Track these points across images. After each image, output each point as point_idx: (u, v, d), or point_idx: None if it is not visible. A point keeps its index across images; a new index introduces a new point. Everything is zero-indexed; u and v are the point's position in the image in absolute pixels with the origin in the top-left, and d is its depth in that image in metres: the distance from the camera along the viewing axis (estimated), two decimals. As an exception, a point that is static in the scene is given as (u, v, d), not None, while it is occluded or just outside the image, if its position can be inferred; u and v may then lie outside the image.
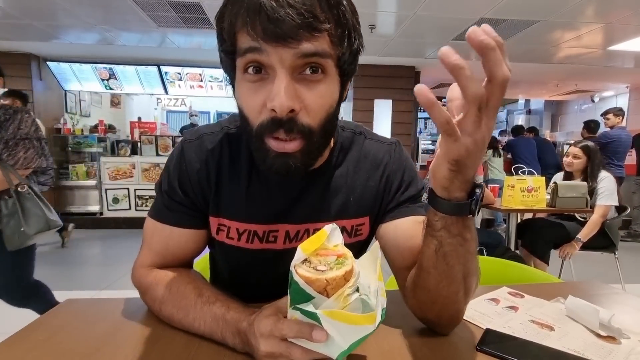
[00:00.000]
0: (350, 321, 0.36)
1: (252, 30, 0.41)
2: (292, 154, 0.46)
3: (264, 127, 0.45)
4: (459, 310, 0.48)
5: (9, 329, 0.48)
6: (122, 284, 2.53)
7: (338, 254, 0.38)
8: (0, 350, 0.45)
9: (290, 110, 0.43)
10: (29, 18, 3.01)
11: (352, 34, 0.46)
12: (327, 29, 0.42)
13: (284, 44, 0.41)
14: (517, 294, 0.65)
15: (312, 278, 0.35)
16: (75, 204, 4.33)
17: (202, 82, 4.39)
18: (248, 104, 0.46)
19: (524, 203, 2.08)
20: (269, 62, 0.42)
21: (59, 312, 0.57)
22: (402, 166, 0.61)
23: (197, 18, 2.95)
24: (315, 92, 0.44)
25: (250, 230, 0.57)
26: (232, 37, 0.44)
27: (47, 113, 4.22)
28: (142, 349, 0.46)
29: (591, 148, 2.24)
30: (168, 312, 0.52)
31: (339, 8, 0.44)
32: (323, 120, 0.46)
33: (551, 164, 4.59)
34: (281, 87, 0.42)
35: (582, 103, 6.90)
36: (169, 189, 0.57)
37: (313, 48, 0.42)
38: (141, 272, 0.58)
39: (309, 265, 0.37)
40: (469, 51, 1.88)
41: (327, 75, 0.45)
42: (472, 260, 0.44)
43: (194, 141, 0.58)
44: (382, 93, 4.24)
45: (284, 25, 0.40)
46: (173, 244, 0.58)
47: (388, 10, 2.81)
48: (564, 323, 0.54)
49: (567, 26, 3.03)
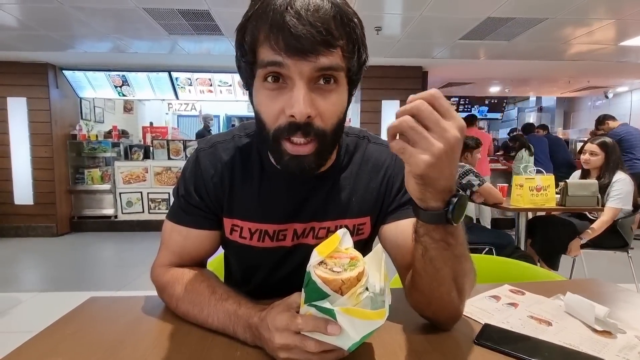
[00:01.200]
0: (363, 316, 0.40)
1: (275, 45, 0.45)
2: (306, 156, 0.50)
3: (282, 130, 0.49)
4: (455, 309, 0.51)
5: (34, 327, 0.53)
6: (138, 285, 2.61)
7: (351, 257, 0.43)
8: (34, 343, 0.49)
9: (308, 116, 0.47)
10: (45, 29, 3.13)
11: (360, 48, 0.51)
12: (341, 45, 0.47)
13: (304, 58, 0.45)
14: (518, 291, 0.66)
15: (329, 278, 0.40)
16: (91, 208, 4.45)
17: (212, 87, 4.46)
18: (266, 110, 0.50)
19: (533, 202, 2.07)
20: (289, 74, 0.47)
21: (83, 309, 0.61)
22: (402, 169, 0.63)
23: (206, 25, 3.01)
24: (328, 101, 0.49)
25: (261, 229, 0.61)
26: (254, 49, 0.49)
27: (63, 120, 4.36)
28: (161, 341, 0.50)
29: (608, 143, 2.16)
30: (184, 309, 0.56)
31: (350, 25, 0.48)
32: (335, 125, 0.51)
33: (563, 162, 4.52)
34: (300, 96, 0.46)
35: (596, 99, 6.76)
36: (185, 194, 0.62)
37: (328, 62, 0.47)
38: (159, 270, 0.63)
39: (325, 267, 0.41)
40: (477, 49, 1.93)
41: (338, 85, 0.50)
42: (459, 262, 0.47)
43: (207, 149, 0.63)
44: (389, 94, 4.24)
45: (305, 42, 0.44)
46: (189, 244, 0.62)
47: (394, 12, 2.83)
48: (562, 319, 0.56)
49: (578, 23, 2.99)
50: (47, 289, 2.58)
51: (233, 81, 4.40)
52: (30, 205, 4.19)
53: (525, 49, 3.65)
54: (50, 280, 2.85)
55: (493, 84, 5.81)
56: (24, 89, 4.08)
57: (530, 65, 4.25)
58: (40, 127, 4.13)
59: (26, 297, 2.39)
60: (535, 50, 3.70)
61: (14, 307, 2.24)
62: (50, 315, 0.58)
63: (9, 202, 4.18)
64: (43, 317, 0.56)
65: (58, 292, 2.50)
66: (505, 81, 5.62)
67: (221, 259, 0.85)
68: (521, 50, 3.71)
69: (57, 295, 2.44)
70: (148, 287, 0.64)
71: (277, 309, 0.45)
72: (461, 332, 0.52)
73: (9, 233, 4.18)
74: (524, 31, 3.16)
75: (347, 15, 0.48)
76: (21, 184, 4.17)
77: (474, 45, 3.56)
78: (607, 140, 2.18)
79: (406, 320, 0.55)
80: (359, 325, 0.40)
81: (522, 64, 4.23)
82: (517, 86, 5.99)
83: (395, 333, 0.52)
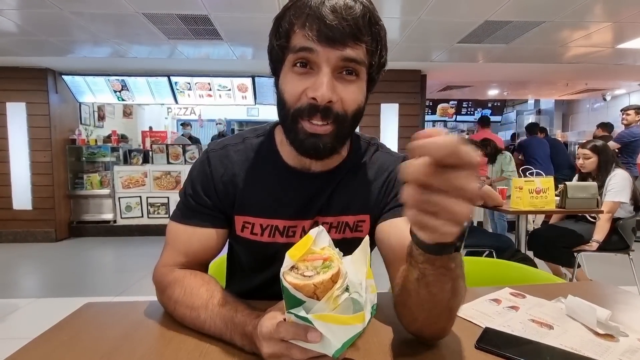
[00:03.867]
0: (340, 322, 0.38)
1: (309, 32, 0.50)
2: (322, 135, 0.54)
3: (302, 110, 0.53)
4: (443, 329, 0.48)
5: (32, 333, 0.52)
6: (137, 290, 2.59)
7: (324, 258, 0.40)
8: (29, 349, 0.49)
9: (329, 100, 0.51)
10: (45, 34, 3.14)
11: (382, 50, 0.56)
12: (366, 42, 0.52)
13: (332, 46, 0.50)
14: (519, 294, 0.66)
15: (300, 284, 0.37)
16: (90, 213, 4.44)
17: (211, 91, 4.47)
18: (290, 90, 0.54)
19: (533, 204, 2.07)
20: (317, 60, 0.51)
21: (79, 315, 0.61)
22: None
23: (205, 30, 3.02)
24: (348, 90, 0.53)
25: (272, 225, 0.63)
26: (287, 35, 0.53)
27: (63, 125, 4.36)
28: (157, 348, 0.50)
29: (599, 146, 2.24)
30: (181, 312, 0.55)
31: (376, 27, 0.53)
32: (354, 112, 0.55)
33: (564, 164, 4.51)
34: (324, 81, 0.50)
35: (594, 102, 6.78)
36: (192, 193, 0.64)
37: (354, 54, 0.51)
38: (163, 270, 0.62)
39: (296, 272, 0.39)
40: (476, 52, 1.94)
41: (359, 78, 0.54)
42: (456, 283, 0.42)
43: (218, 150, 0.66)
44: (388, 97, 4.25)
45: (336, 32, 0.49)
46: (195, 243, 0.63)
47: (392, 16, 2.84)
48: (563, 322, 0.55)
49: (575, 26, 3.01)
50: (46, 295, 2.56)
51: (232, 85, 4.40)
52: (29, 211, 4.18)
53: (523, 52, 3.67)
54: (49, 286, 2.83)
55: (492, 87, 5.83)
56: (24, 94, 4.08)
57: (528, 68, 4.27)
58: (39, 132, 4.13)
59: (24, 303, 2.37)
60: (533, 53, 3.71)
61: (12, 313, 2.22)
62: (49, 321, 0.57)
63: (7, 207, 4.17)
64: (41, 323, 0.56)
65: (57, 298, 2.49)
66: (504, 84, 5.64)
67: (221, 262, 0.85)
68: (519, 53, 3.72)
69: (55, 301, 2.43)
70: (147, 292, 0.64)
71: (267, 316, 0.45)
72: (460, 335, 0.52)
73: (7, 238, 4.16)
74: (522, 34, 3.17)
75: (375, 17, 0.53)
76: (20, 189, 4.16)
77: (472, 49, 3.57)
78: (597, 143, 2.28)
79: (406, 325, 0.54)
80: (338, 331, 0.38)
81: (521, 67, 4.25)
82: (516, 89, 6.01)
83: (394, 338, 0.51)
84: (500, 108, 7.09)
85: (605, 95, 6.15)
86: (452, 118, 6.92)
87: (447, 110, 6.74)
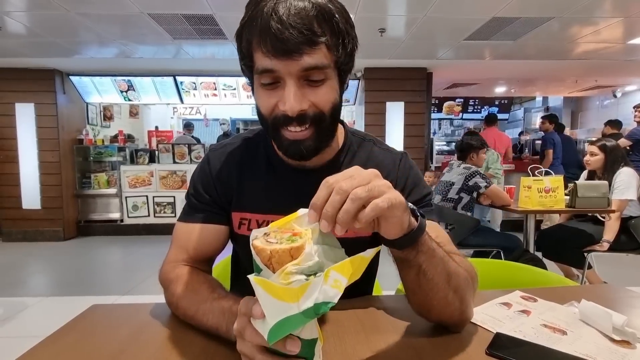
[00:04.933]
0: (273, 293, 0.35)
1: (264, 49, 0.50)
2: (303, 140, 0.55)
3: (278, 120, 0.55)
4: (457, 309, 0.50)
5: (41, 331, 0.52)
6: (143, 289, 2.61)
7: (294, 232, 0.38)
8: (35, 353, 0.49)
9: (299, 110, 0.53)
10: (52, 36, 3.17)
11: (346, 39, 0.54)
12: (324, 41, 0.51)
13: (290, 58, 0.50)
14: (530, 298, 0.64)
15: (258, 247, 0.36)
16: (97, 212, 4.49)
17: (216, 91, 4.48)
18: (262, 105, 0.56)
19: (542, 204, 2.04)
20: (280, 75, 0.52)
21: (85, 317, 0.60)
22: (406, 174, 0.66)
23: (210, 29, 3.03)
24: (318, 93, 0.54)
25: (268, 220, 0.63)
26: (250, 54, 0.54)
27: (70, 125, 4.40)
28: (163, 352, 0.49)
29: (608, 145, 2.21)
30: (183, 308, 0.56)
31: (332, 20, 0.52)
32: (330, 110, 0.56)
33: (572, 162, 4.44)
34: (291, 94, 0.52)
35: (604, 99, 6.67)
36: (194, 192, 0.67)
37: (313, 61, 0.51)
38: (167, 267, 0.64)
39: (265, 238, 0.38)
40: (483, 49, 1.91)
41: (327, 78, 0.54)
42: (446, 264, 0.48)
43: (218, 150, 0.69)
44: (393, 96, 4.23)
45: (290, 44, 0.49)
46: (198, 240, 0.64)
47: (398, 14, 2.82)
48: (577, 327, 0.54)
49: (584, 21, 2.96)
50: (54, 294, 2.59)
51: (237, 85, 4.41)
52: (38, 210, 4.23)
53: (531, 48, 3.61)
54: (57, 285, 2.86)
55: (499, 84, 5.76)
56: (32, 95, 4.13)
57: (536, 65, 4.21)
58: (47, 132, 4.18)
59: (33, 301, 2.40)
60: (541, 49, 3.66)
61: (22, 312, 2.25)
62: (57, 319, 0.58)
63: (17, 207, 4.23)
64: (50, 322, 0.57)
65: (64, 297, 2.51)
66: (511, 81, 5.57)
67: (226, 264, 0.84)
68: (527, 50, 3.67)
69: (63, 300, 2.45)
70: (154, 291, 0.64)
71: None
72: (471, 341, 0.51)
73: (17, 237, 4.23)
74: (530, 31, 3.12)
75: (329, 12, 0.51)
76: (29, 189, 4.22)
77: (479, 46, 3.53)
78: (607, 142, 2.25)
79: (415, 332, 0.53)
80: (271, 307, 0.35)
81: (528, 64, 4.19)
82: (523, 86, 5.93)
83: (404, 344, 0.51)
84: (508, 106, 7.01)
85: (616, 92, 6.04)
86: (459, 116, 6.86)
87: (453, 108, 6.68)
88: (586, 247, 2.12)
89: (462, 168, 2.33)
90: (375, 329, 0.55)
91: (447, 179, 2.37)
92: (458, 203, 2.30)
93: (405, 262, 0.47)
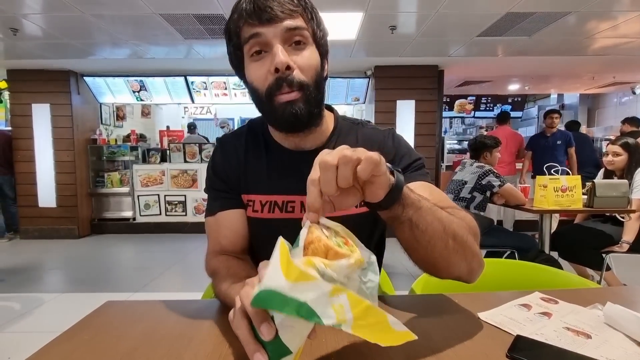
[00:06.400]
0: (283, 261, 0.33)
1: (250, 20, 0.58)
2: (295, 101, 0.59)
3: (271, 87, 0.59)
4: (462, 257, 0.53)
5: (57, 327, 0.53)
6: (157, 286, 2.64)
7: (347, 241, 0.40)
8: (50, 349, 0.49)
9: (287, 67, 0.57)
10: (67, 37, 3.23)
11: (317, 18, 0.62)
12: (300, 12, 0.60)
13: (274, 22, 0.57)
14: (551, 300, 0.62)
15: (311, 228, 0.37)
16: (110, 210, 4.57)
17: (227, 90, 4.51)
18: (256, 76, 0.61)
19: (559, 203, 1.98)
20: (267, 40, 0.58)
21: (100, 313, 0.61)
22: (395, 144, 0.71)
23: (220, 29, 3.04)
24: (302, 56, 0.60)
25: (271, 201, 0.68)
26: (237, 33, 0.60)
27: (84, 125, 4.49)
28: (176, 349, 0.49)
29: (631, 144, 2.14)
30: (223, 289, 0.59)
31: (304, 0, 0.61)
32: (314, 76, 0.61)
33: (589, 160, 4.32)
34: (278, 51, 0.57)
35: (622, 95, 6.48)
36: (210, 182, 0.72)
37: (294, 23, 0.59)
38: (206, 261, 0.70)
39: (322, 227, 0.39)
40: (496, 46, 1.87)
41: (307, 44, 0.61)
42: (436, 213, 0.50)
43: (227, 136, 0.75)
44: (404, 94, 4.18)
45: (272, 11, 0.57)
46: (223, 228, 0.69)
47: (409, 11, 2.78)
48: (602, 331, 0.51)
49: (602, 16, 2.87)
50: (69, 290, 2.65)
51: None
52: (54, 208, 4.33)
53: (547, 44, 3.53)
54: (72, 281, 2.92)
55: (512, 81, 5.64)
56: (48, 95, 4.23)
57: (551, 61, 4.11)
58: (62, 132, 4.27)
59: (49, 297, 2.46)
60: (557, 45, 3.57)
61: (38, 308, 2.30)
62: (72, 315, 0.59)
63: (33, 205, 4.34)
64: (65, 318, 0.58)
65: (80, 293, 2.57)
66: (525, 78, 5.45)
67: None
68: (542, 46, 3.58)
69: (78, 296, 2.50)
70: (167, 288, 0.66)
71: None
72: (490, 344, 0.49)
73: (33, 234, 4.33)
74: (546, 26, 3.05)
75: None
76: (45, 188, 4.32)
77: (492, 42, 3.46)
78: (629, 140, 2.18)
79: (433, 334, 0.52)
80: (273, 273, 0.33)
81: (543, 60, 4.09)
82: (538, 83, 5.79)
83: (420, 345, 0.49)
84: (521, 103, 6.87)
85: (635, 88, 5.86)
86: (471, 114, 6.75)
87: (465, 106, 6.58)
88: (605, 248, 2.06)
89: (475, 167, 2.28)
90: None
91: (460, 178, 2.33)
92: (471, 202, 2.26)
93: (396, 220, 0.48)
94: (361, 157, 0.39)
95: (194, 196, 4.45)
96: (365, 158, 0.39)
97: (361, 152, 0.40)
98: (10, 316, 2.15)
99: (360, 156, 0.39)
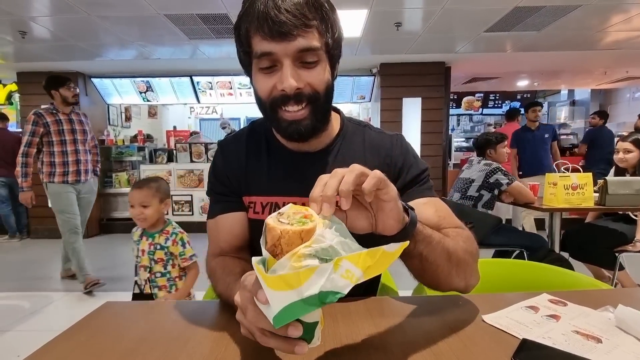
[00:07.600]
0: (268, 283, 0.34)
1: (262, 33, 0.55)
2: (301, 120, 0.59)
3: (276, 100, 0.59)
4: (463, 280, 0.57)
5: (66, 326, 0.53)
6: (162, 286, 2.66)
7: (305, 215, 0.38)
8: (47, 350, 0.49)
9: (296, 89, 0.57)
10: (75, 39, 3.27)
11: (334, 27, 0.60)
12: (315, 25, 0.57)
13: (286, 39, 0.55)
14: (559, 302, 0.60)
15: (270, 225, 0.36)
16: (118, 210, 4.62)
17: (232, 90, 4.53)
18: (261, 88, 0.60)
19: (569, 202, 1.94)
20: (277, 58, 0.56)
21: (98, 314, 0.61)
22: (403, 152, 0.70)
23: (225, 28, 3.05)
24: (312, 74, 0.59)
25: (272, 202, 0.68)
26: (248, 41, 0.58)
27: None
28: (173, 349, 0.48)
29: None
30: (220, 288, 0.60)
31: (322, 8, 0.58)
32: (324, 90, 0.60)
33: (601, 158, 4.21)
34: (288, 73, 0.56)
35: (635, 90, 6.33)
36: (211, 186, 0.72)
37: (307, 43, 0.56)
38: (206, 261, 0.70)
39: (278, 217, 0.38)
40: (504, 41, 1.83)
41: (319, 60, 0.59)
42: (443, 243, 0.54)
43: (228, 139, 0.75)
44: (410, 91, 4.14)
45: (285, 26, 0.54)
46: (222, 230, 0.69)
47: (414, 7, 2.75)
48: (613, 335, 0.49)
49: (614, 9, 2.80)
50: (78, 289, 2.68)
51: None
52: (64, 208, 4.39)
53: (557, 39, 3.46)
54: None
55: (521, 77, 5.55)
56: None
57: (561, 56, 4.03)
58: (71, 133, 4.32)
59: (58, 296, 2.49)
60: (567, 40, 3.49)
61: (47, 306, 2.34)
62: (80, 314, 0.59)
63: (43, 205, 4.40)
64: (74, 316, 0.58)
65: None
66: (534, 74, 5.36)
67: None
68: (552, 41, 3.51)
69: (86, 296, 2.53)
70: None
71: None
72: (495, 348, 0.47)
73: (43, 234, 4.40)
74: (555, 20, 2.99)
75: (318, 0, 0.57)
76: (55, 188, 4.37)
77: (500, 38, 3.41)
78: (639, 136, 2.11)
79: (436, 338, 0.50)
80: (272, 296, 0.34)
81: (553, 56, 4.01)
82: (548, 79, 5.69)
83: (424, 348, 0.48)
84: (531, 100, 6.76)
85: (648, 83, 5.71)
86: (478, 111, 6.68)
87: (472, 103, 6.50)
88: (617, 247, 2.00)
89: (483, 164, 2.24)
90: (392, 333, 0.52)
91: (467, 176, 2.30)
92: (478, 201, 2.23)
93: (407, 254, 0.49)
94: (367, 172, 0.41)
95: (201, 196, 4.47)
96: (371, 173, 0.41)
97: (368, 170, 0.42)
98: (19, 315, 2.18)
99: (365, 171, 0.41)
